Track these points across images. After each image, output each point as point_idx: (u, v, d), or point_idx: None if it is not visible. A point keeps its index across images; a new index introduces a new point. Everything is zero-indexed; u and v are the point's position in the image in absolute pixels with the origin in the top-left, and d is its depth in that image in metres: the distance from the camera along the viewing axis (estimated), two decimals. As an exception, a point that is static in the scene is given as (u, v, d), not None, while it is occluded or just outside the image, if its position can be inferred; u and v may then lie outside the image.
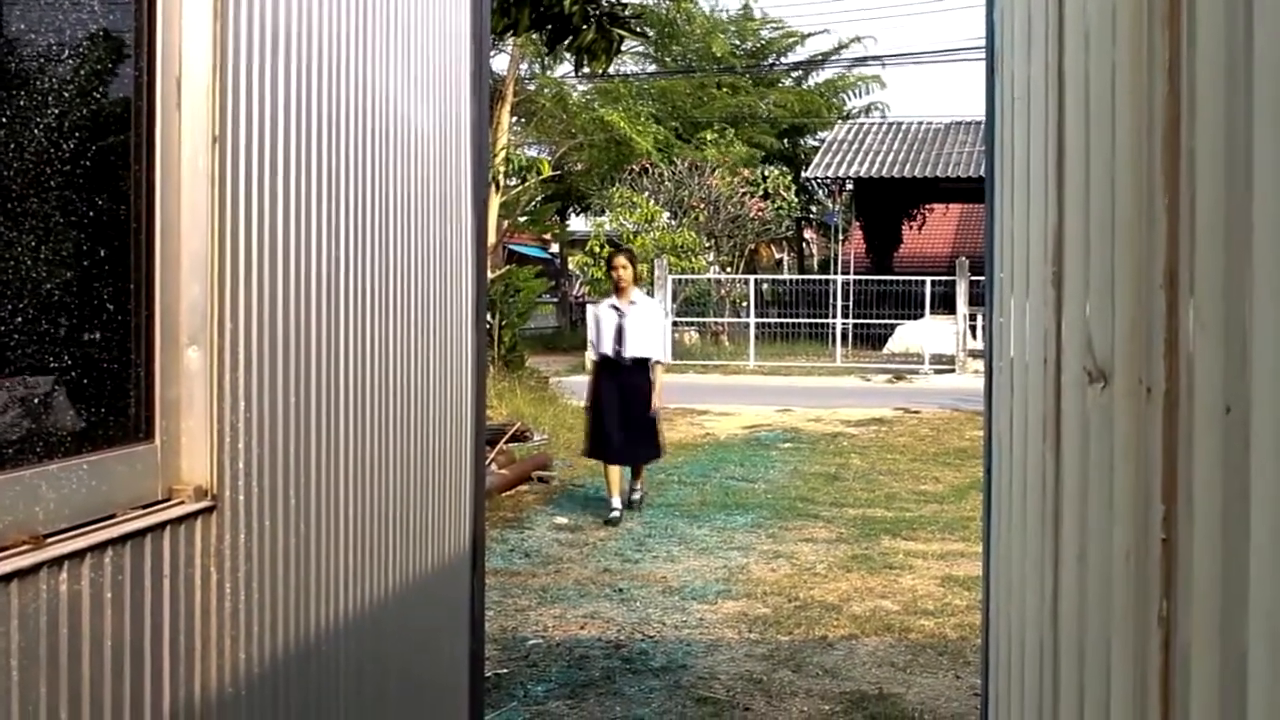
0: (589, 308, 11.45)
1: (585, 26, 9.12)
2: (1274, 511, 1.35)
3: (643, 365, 10.62)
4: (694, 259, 30.23)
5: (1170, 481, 1.76)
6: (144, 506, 2.23)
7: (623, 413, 10.53)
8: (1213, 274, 1.58)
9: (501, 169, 20.27)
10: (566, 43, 9.46)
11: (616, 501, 10.39)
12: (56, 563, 1.92)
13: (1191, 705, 1.67)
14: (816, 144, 38.92)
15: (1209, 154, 1.62)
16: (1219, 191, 1.57)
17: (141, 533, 2.16)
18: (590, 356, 11.34)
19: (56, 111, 2.09)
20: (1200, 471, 1.62)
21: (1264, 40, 1.42)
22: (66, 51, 2.13)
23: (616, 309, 10.64)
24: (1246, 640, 1.43)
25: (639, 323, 10.59)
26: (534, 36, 12.98)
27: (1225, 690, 1.52)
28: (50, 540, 1.94)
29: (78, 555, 1.97)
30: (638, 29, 12.40)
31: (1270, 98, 1.39)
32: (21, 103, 2.01)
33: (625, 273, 10.76)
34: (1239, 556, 1.46)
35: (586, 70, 10.00)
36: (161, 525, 2.23)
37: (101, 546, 2.03)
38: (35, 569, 1.87)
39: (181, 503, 2.32)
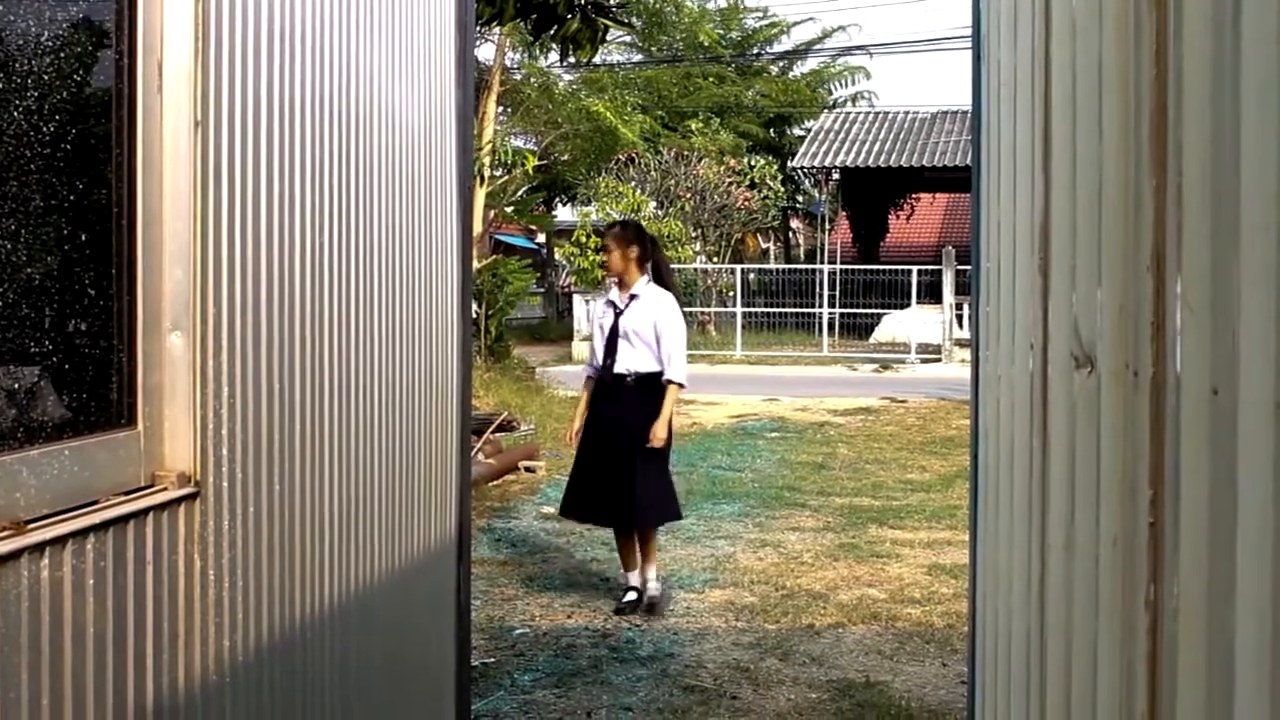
0: (588, 305, 7.99)
1: (570, 16, 9.08)
2: (1261, 494, 1.35)
3: (646, 385, 7.24)
4: (680, 249, 30.19)
5: (1157, 465, 1.76)
6: (126, 493, 2.22)
7: (612, 453, 7.24)
8: (1200, 257, 1.58)
9: (487, 160, 20.20)
10: (551, 32, 9.41)
11: (634, 578, 7.33)
12: (38, 549, 1.91)
13: (1179, 690, 1.66)
14: (802, 133, 38.91)
15: (1196, 138, 1.62)
16: (1206, 175, 1.57)
17: (124, 519, 2.14)
18: (586, 371, 7.72)
19: (36, 95, 2.07)
20: (1187, 455, 1.62)
21: (1251, 24, 1.41)
22: (46, 35, 2.11)
23: (613, 305, 7.43)
24: (1234, 624, 1.43)
25: (639, 324, 7.24)
26: (520, 26, 12.94)
27: (1212, 674, 1.52)
28: (32, 526, 1.93)
29: (59, 541, 1.96)
30: (622, 19, 12.37)
31: (1257, 82, 1.39)
32: (1, 86, 1.99)
33: (613, 256, 7.39)
34: (1226, 540, 1.45)
35: (572, 60, 9.95)
36: (144, 511, 2.21)
37: (83, 533, 2.02)
38: (16, 555, 1.86)
39: (164, 489, 2.31)
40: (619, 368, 7.26)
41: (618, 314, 7.34)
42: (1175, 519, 1.67)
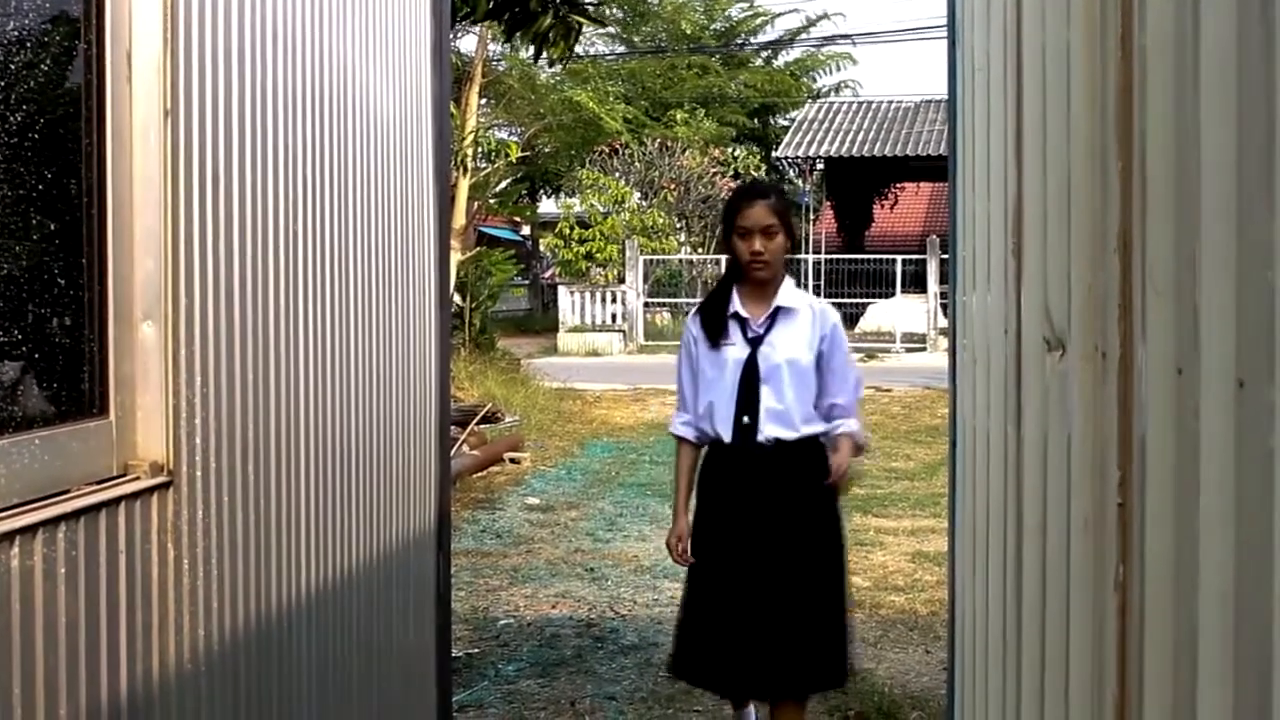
0: (689, 326, 4.48)
1: (541, 12, 8.96)
2: (1223, 473, 1.35)
3: (799, 452, 4.25)
4: (665, 240, 30.19)
5: (1125, 446, 1.77)
6: (99, 482, 2.21)
7: (758, 574, 4.22)
8: (1164, 238, 1.58)
9: (470, 151, 20.12)
10: (524, 30, 9.29)
11: None
12: (8, 538, 1.90)
13: (1146, 668, 1.67)
14: (787, 123, 38.88)
15: (1159, 120, 1.63)
16: (1169, 157, 1.58)
17: (96, 508, 2.14)
18: (681, 431, 4.44)
19: (2, 85, 2.06)
20: (1153, 435, 1.62)
21: (1210, 8, 1.42)
22: (13, 24, 2.10)
23: (742, 323, 4.32)
24: (1198, 603, 1.44)
25: (795, 352, 4.28)
26: (494, 23, 12.88)
27: (1178, 652, 1.53)
28: (2, 515, 1.92)
29: (30, 530, 1.95)
30: (597, 16, 12.27)
31: (1216, 64, 1.39)
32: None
33: (774, 244, 4.28)
34: (1190, 519, 1.46)
35: (545, 58, 9.84)
36: (116, 501, 2.21)
37: (55, 522, 2.01)
38: (-14, 545, 1.85)
39: (137, 478, 2.30)
40: (764, 433, 4.23)
41: (753, 340, 4.30)
42: (1142, 499, 1.68)
